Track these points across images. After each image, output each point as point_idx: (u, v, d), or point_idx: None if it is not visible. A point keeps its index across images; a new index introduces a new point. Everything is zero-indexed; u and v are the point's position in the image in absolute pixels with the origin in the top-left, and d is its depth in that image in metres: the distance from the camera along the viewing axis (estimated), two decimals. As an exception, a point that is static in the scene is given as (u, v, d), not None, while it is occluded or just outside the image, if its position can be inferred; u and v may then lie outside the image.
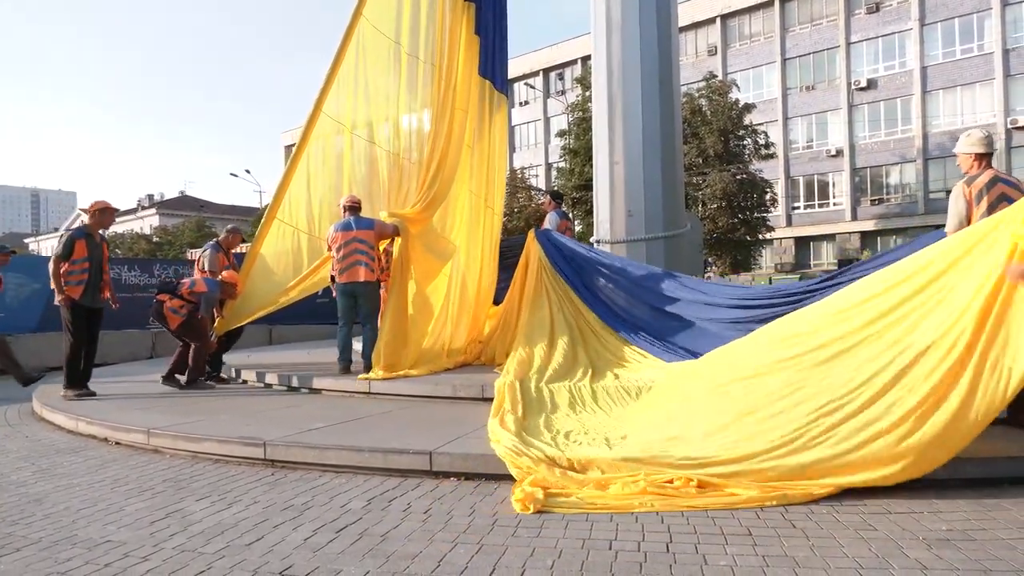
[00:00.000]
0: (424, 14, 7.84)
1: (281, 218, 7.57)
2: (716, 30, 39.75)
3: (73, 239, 6.42)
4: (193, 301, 6.79)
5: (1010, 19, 30.89)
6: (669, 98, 8.74)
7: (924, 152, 33.11)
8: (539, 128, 48.26)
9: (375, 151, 7.75)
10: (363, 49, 7.60)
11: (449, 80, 7.72)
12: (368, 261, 6.64)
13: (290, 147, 68.64)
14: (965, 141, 4.27)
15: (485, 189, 8.33)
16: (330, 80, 7.48)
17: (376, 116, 7.86)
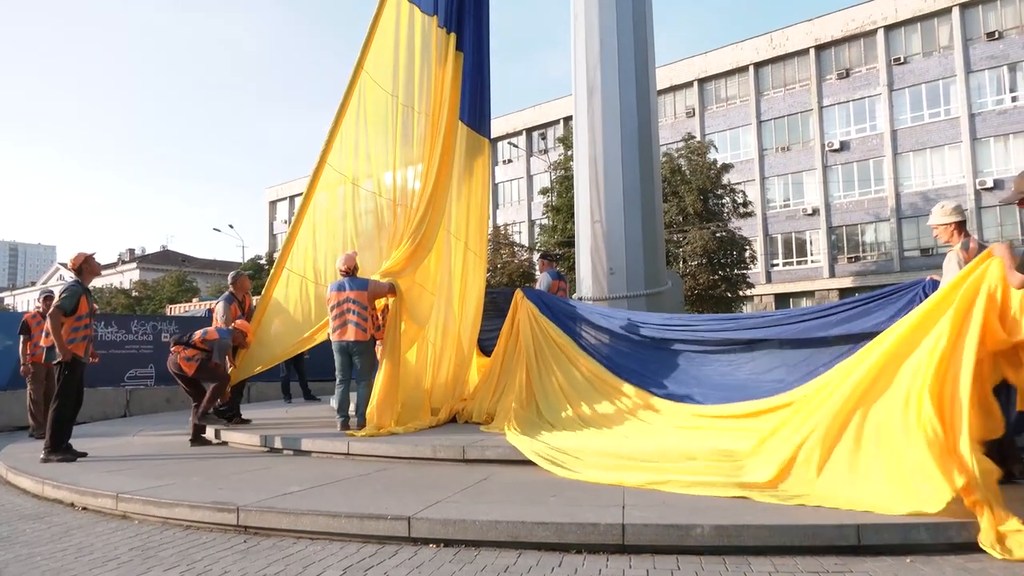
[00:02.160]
0: (418, 65, 8.08)
1: (290, 267, 7.72)
2: (694, 93, 40.97)
3: (79, 294, 6.26)
4: (206, 349, 6.99)
5: (974, 85, 32.17)
6: (648, 158, 8.93)
7: (897, 211, 33.92)
8: (522, 185, 48.96)
9: (375, 202, 7.91)
10: (363, 102, 7.84)
11: (437, 126, 7.92)
12: (359, 320, 6.66)
13: (274, 203, 69.05)
14: (940, 213, 4.66)
15: (467, 233, 8.40)
16: (333, 133, 7.70)
17: (376, 167, 8.03)
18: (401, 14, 8.05)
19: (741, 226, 30.98)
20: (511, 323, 7.46)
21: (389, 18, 7.99)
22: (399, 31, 8.03)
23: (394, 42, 8.00)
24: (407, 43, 8.05)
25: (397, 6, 8.06)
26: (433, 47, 8.11)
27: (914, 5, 33.60)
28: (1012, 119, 31.09)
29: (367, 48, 7.84)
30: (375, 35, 7.89)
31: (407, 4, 8.10)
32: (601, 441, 5.45)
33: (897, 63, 34.17)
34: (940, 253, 33.06)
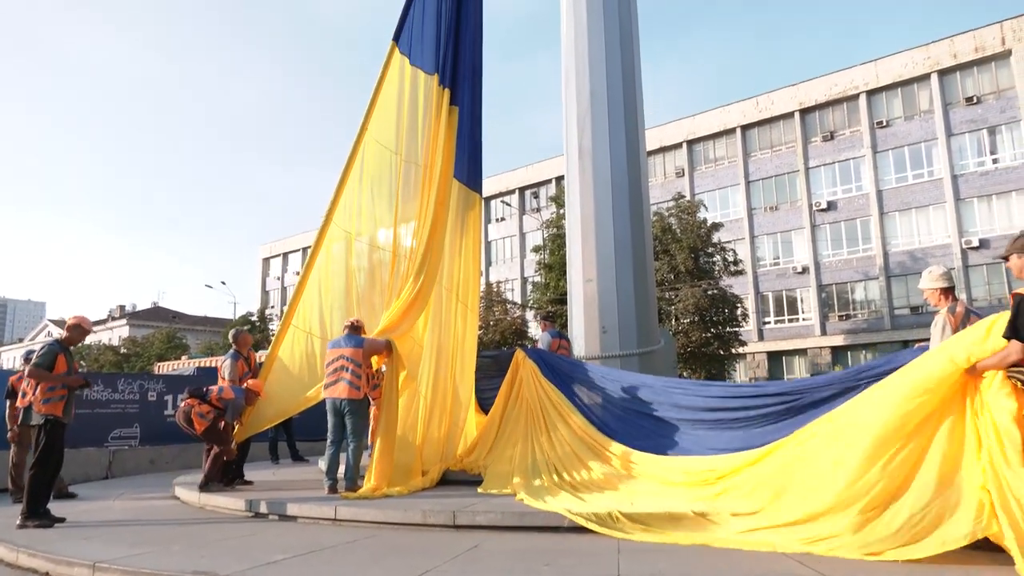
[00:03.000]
0: (420, 122, 8.29)
1: (296, 324, 7.77)
2: (683, 154, 41.83)
3: (55, 352, 6.16)
4: (220, 407, 7.02)
5: (955, 148, 32.98)
6: (640, 218, 9.04)
7: (886, 270, 34.26)
8: (515, 243, 49.36)
9: (379, 257, 8.01)
10: (367, 162, 8.04)
11: (432, 180, 8.07)
12: (352, 379, 6.60)
13: (268, 259, 69.23)
14: (928, 278, 4.86)
15: (459, 287, 8.43)
16: (339, 193, 7.88)
17: (380, 223, 8.18)
18: (405, 75, 8.35)
19: (732, 284, 31.19)
20: (512, 382, 7.45)
21: (392, 79, 8.30)
22: (402, 91, 8.31)
23: (397, 102, 8.27)
24: (410, 102, 8.32)
25: (401, 68, 8.36)
26: (433, 104, 8.35)
27: (894, 71, 34.73)
28: (994, 180, 31.78)
29: (371, 110, 8.10)
30: (379, 97, 8.17)
31: (410, 67, 8.39)
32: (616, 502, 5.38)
33: (880, 126, 35.08)
34: (930, 312, 33.19)
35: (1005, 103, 31.71)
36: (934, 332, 4.83)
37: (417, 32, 8.59)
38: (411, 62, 8.42)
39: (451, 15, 8.81)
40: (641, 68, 9.89)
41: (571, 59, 9.61)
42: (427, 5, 8.73)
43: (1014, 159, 31.35)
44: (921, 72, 33.91)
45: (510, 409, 7.40)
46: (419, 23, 8.63)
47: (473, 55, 9.03)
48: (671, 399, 6.64)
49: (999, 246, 31.06)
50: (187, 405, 7.13)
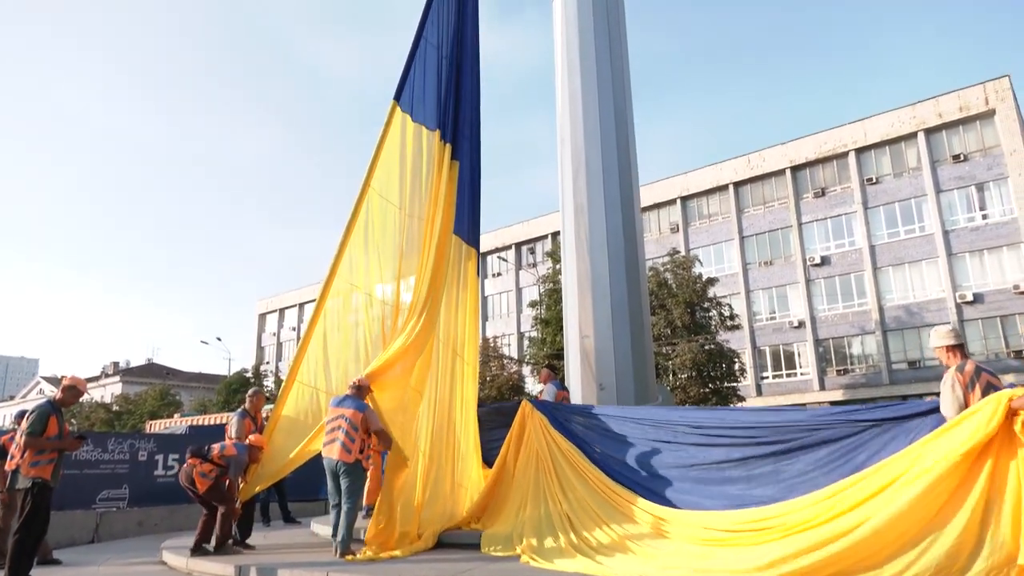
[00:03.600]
0: (423, 177, 8.42)
1: (301, 380, 7.74)
2: (677, 210, 42.37)
3: (47, 414, 6.04)
4: (222, 465, 6.92)
5: (945, 204, 33.48)
6: (635, 274, 9.09)
7: (882, 324, 34.32)
8: (511, 298, 49.47)
9: (382, 310, 8.02)
10: (371, 216, 8.13)
11: (433, 234, 8.15)
12: (345, 440, 6.52)
13: (264, 315, 69.06)
14: (937, 336, 5.00)
15: (457, 342, 8.39)
16: (343, 247, 7.95)
17: (385, 276, 8.20)
18: (407, 132, 8.54)
19: (729, 339, 31.15)
20: (519, 435, 7.25)
21: (395, 136, 8.48)
22: (405, 147, 8.48)
23: (400, 157, 8.43)
24: (413, 158, 8.48)
25: (402, 125, 8.56)
26: (436, 159, 8.52)
27: (881, 130, 35.53)
28: (985, 235, 32.16)
29: (373, 166, 8.24)
30: (381, 153, 8.32)
31: (412, 124, 8.59)
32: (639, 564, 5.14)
33: (870, 183, 35.68)
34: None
35: (992, 160, 32.35)
36: (944, 390, 4.86)
37: (419, 91, 8.83)
38: (413, 119, 8.62)
39: (451, 74, 9.08)
40: (634, 127, 10.10)
41: (566, 119, 9.82)
42: (428, 64, 9.00)
43: (1003, 215, 31.80)
44: (908, 131, 34.69)
45: (519, 465, 7.16)
46: (420, 82, 8.87)
47: (472, 112, 9.26)
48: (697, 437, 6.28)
49: (993, 300, 31.26)
50: (189, 465, 7.03)
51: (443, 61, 9.09)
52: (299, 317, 63.33)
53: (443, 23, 9.30)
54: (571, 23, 10.11)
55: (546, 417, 7.17)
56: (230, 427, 7.99)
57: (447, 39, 9.25)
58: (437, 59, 9.08)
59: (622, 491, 6.34)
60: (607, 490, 6.44)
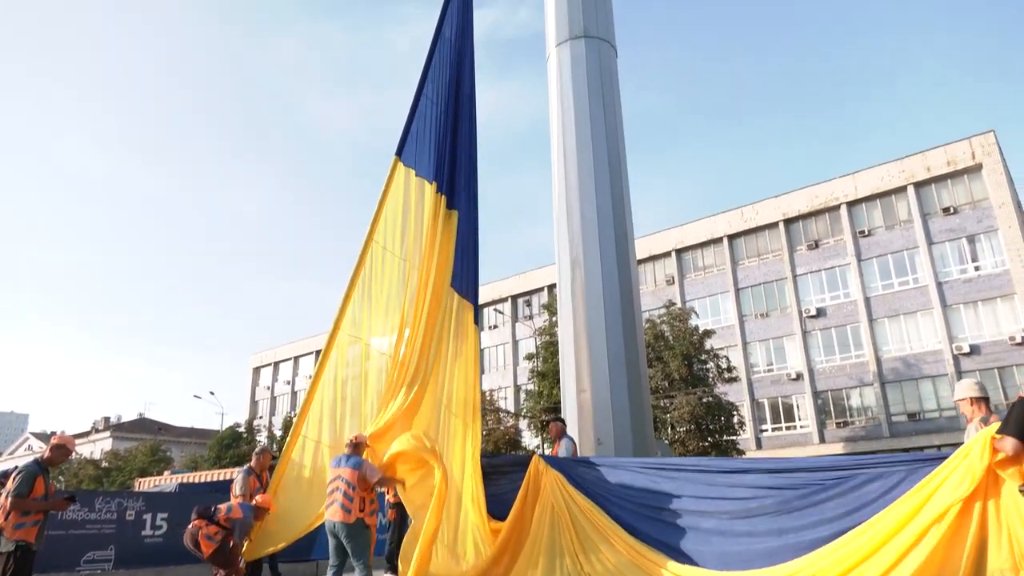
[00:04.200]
0: (426, 225, 8.49)
1: (306, 434, 7.62)
2: (672, 262, 42.64)
3: (34, 475, 5.88)
4: (228, 527, 6.78)
5: (937, 255, 33.77)
6: (632, 328, 9.05)
7: (880, 376, 34.18)
8: (507, 351, 49.28)
9: (385, 362, 7.98)
10: (374, 269, 8.18)
11: (428, 285, 8.16)
12: (344, 500, 6.38)
13: (258, 368, 68.55)
14: (961, 388, 4.93)
15: (457, 396, 8.29)
16: (347, 299, 7.96)
17: (387, 329, 8.18)
18: (410, 185, 8.69)
19: (727, 391, 30.94)
20: (532, 496, 6.95)
21: (397, 189, 8.60)
22: (408, 200, 8.60)
23: (403, 210, 8.54)
24: (416, 210, 8.60)
25: (405, 178, 8.69)
26: (431, 211, 8.62)
27: (871, 183, 36.10)
28: (978, 287, 32.35)
29: (376, 219, 8.35)
30: (384, 206, 8.43)
31: (416, 177, 8.73)
32: None
33: (862, 235, 36.06)
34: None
35: (981, 213, 32.79)
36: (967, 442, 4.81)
37: (423, 144, 9.00)
38: (416, 173, 8.77)
39: (448, 128, 9.27)
40: (629, 181, 10.23)
41: (561, 174, 9.95)
42: (427, 119, 9.20)
43: (995, 266, 32.06)
44: (898, 184, 35.25)
45: (533, 525, 6.77)
46: (421, 136, 9.05)
47: (468, 165, 9.41)
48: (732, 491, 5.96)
49: (990, 352, 31.23)
50: (194, 527, 6.87)
51: (441, 116, 9.29)
52: (294, 371, 62.88)
53: (441, 79, 9.54)
54: (565, 81, 10.34)
55: (562, 474, 6.89)
56: (235, 485, 7.81)
57: (445, 94, 9.47)
58: (436, 114, 9.28)
59: (649, 552, 6.06)
60: (633, 552, 6.13)
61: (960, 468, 4.41)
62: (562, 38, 10.55)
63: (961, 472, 4.38)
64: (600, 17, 10.62)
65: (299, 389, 61.93)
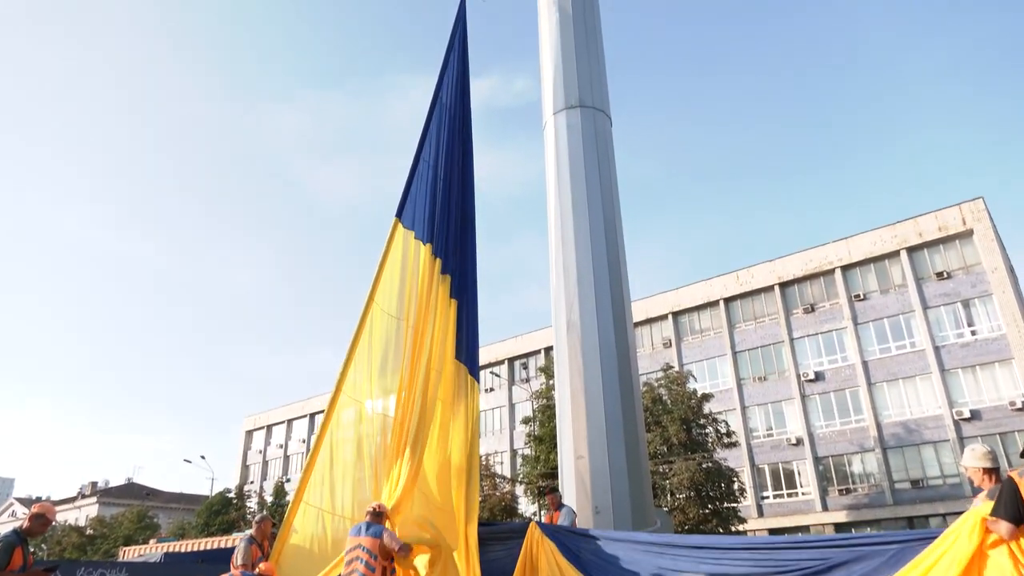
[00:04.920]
0: (421, 287, 8.49)
1: (308, 500, 7.44)
2: (669, 325, 42.64)
3: (13, 545, 5.73)
4: None
5: (933, 320, 33.83)
6: (630, 392, 8.98)
7: (881, 441, 33.74)
8: (504, 414, 48.69)
9: (386, 424, 7.86)
10: (374, 330, 8.14)
11: (423, 346, 8.09)
12: (364, 571, 6.19)
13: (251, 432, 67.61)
14: (971, 455, 4.70)
15: (454, 464, 8.13)
16: (348, 361, 7.89)
17: (388, 390, 8.09)
18: (409, 247, 8.74)
19: (727, 457, 30.45)
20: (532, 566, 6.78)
21: (396, 252, 8.66)
22: (406, 262, 8.65)
23: (401, 272, 8.58)
24: (412, 271, 8.62)
25: (404, 240, 8.76)
26: (426, 272, 8.65)
27: (864, 248, 36.49)
28: (976, 351, 32.30)
29: (377, 282, 8.37)
30: (384, 269, 8.47)
31: (414, 240, 8.80)
32: None
33: (857, 299, 36.21)
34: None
35: (975, 278, 33.04)
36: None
37: (420, 207, 9.11)
38: (416, 236, 8.85)
39: (446, 191, 9.39)
40: (624, 244, 10.32)
41: (557, 238, 10.05)
42: (425, 182, 9.33)
43: (992, 331, 32.09)
44: (891, 249, 35.63)
45: None
46: (421, 198, 9.17)
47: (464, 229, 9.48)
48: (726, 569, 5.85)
49: (991, 417, 30.96)
50: None
51: (439, 180, 9.43)
52: (287, 434, 61.94)
53: (439, 143, 9.73)
54: (562, 147, 10.56)
55: (556, 545, 6.73)
56: (236, 555, 7.62)
57: (443, 157, 9.64)
58: (433, 177, 9.42)
59: None
60: None
61: (951, 550, 4.26)
62: (558, 107, 10.83)
63: (952, 555, 4.23)
64: (595, 87, 10.93)
65: (292, 453, 60.87)
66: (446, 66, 10.17)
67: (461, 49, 10.39)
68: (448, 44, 10.36)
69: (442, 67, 10.17)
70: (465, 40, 10.51)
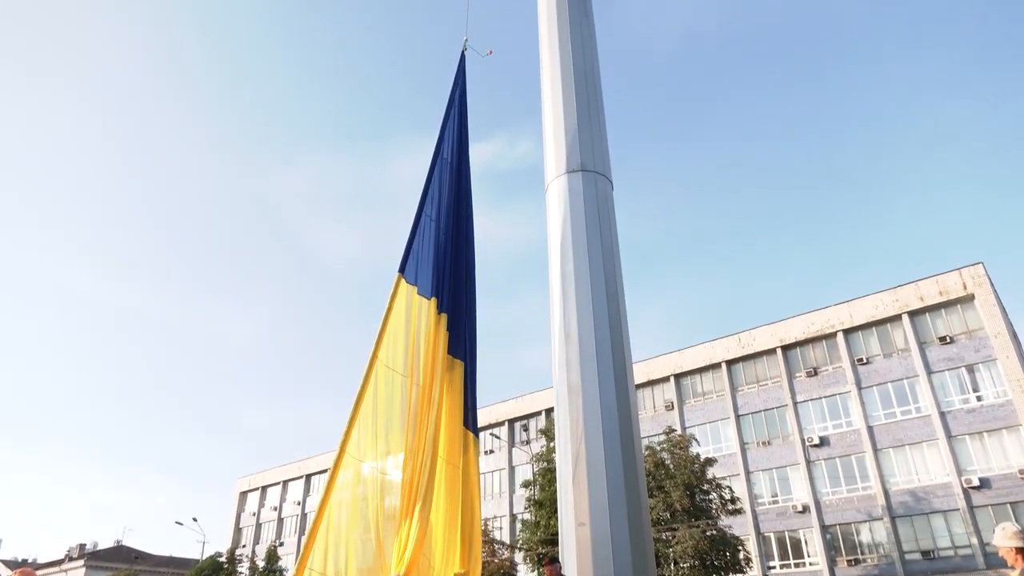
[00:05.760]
0: (426, 342, 8.42)
1: (312, 567, 7.19)
2: (671, 387, 42.26)
3: None
4: None
5: (937, 385, 33.53)
6: (632, 457, 8.79)
7: (889, 510, 32.97)
8: (503, 477, 47.77)
9: (393, 485, 7.69)
10: (378, 388, 8.03)
11: (429, 404, 7.97)
12: None
13: (245, 493, 66.27)
14: (1001, 535, 4.60)
15: (460, 529, 7.92)
16: (352, 420, 7.75)
17: (392, 449, 7.94)
18: (412, 302, 8.71)
19: (731, 524, 29.73)
20: None
21: (400, 307, 8.63)
22: (410, 317, 8.61)
23: (405, 327, 8.52)
24: (416, 326, 8.57)
25: (408, 295, 8.75)
26: (438, 331, 8.62)
27: (866, 311, 36.48)
28: (982, 418, 31.89)
29: (381, 337, 8.29)
30: (388, 325, 8.41)
31: (417, 296, 8.80)
32: None
33: (861, 363, 35.98)
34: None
35: (978, 343, 32.90)
36: None
37: (424, 262, 9.14)
38: (419, 292, 8.85)
39: (447, 245, 9.46)
40: (626, 305, 10.31)
41: (558, 299, 10.04)
42: (427, 237, 9.39)
43: (997, 397, 31.77)
44: (892, 313, 35.62)
45: None
46: (424, 253, 9.21)
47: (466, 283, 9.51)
48: None
49: (1001, 486, 30.32)
50: None
51: (442, 234, 9.50)
52: (282, 496, 60.70)
53: (440, 198, 9.84)
54: (564, 210, 10.66)
55: None
56: None
57: (444, 211, 9.73)
58: (436, 230, 9.49)
59: None
60: None
61: None
62: (560, 171, 10.99)
63: None
64: (596, 152, 11.12)
65: (287, 515, 59.52)
66: (447, 120, 10.35)
67: (461, 102, 10.60)
68: (449, 98, 10.57)
69: (443, 121, 10.34)
70: (464, 93, 10.73)
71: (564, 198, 10.94)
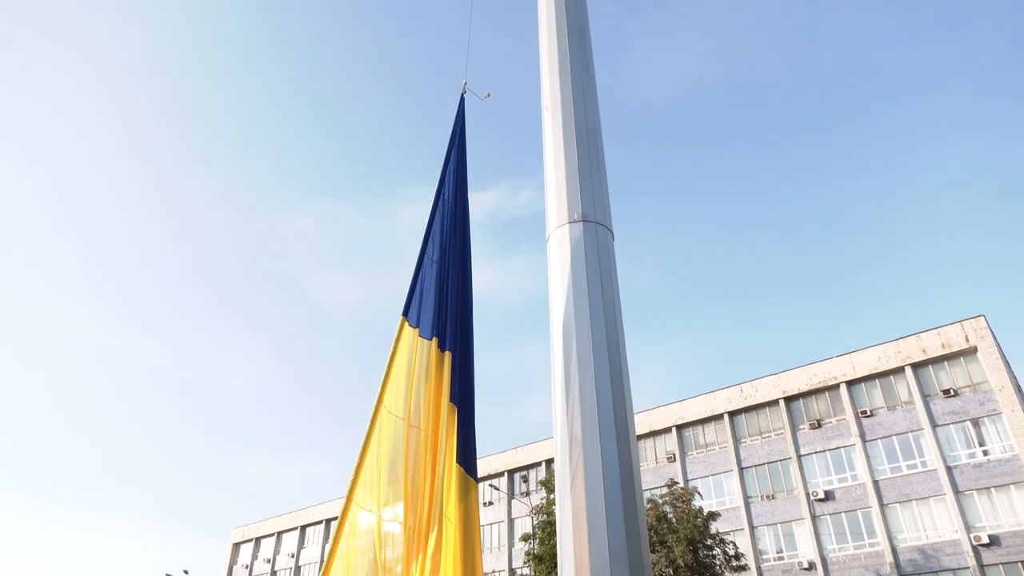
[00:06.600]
0: (430, 384, 8.35)
1: None
2: (673, 439, 41.71)
3: None
4: None
5: (943, 439, 33.07)
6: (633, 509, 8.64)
7: (897, 567, 32.15)
8: (502, 530, 46.78)
9: (397, 532, 7.55)
10: (383, 436, 7.98)
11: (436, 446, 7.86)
12: None
13: (238, 544, 64.84)
14: None
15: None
16: (358, 469, 7.66)
17: (397, 497, 7.83)
18: (414, 345, 8.68)
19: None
20: None
21: (403, 350, 8.60)
22: (411, 360, 8.56)
23: (407, 371, 8.48)
24: (418, 369, 8.53)
25: (411, 339, 8.73)
26: (434, 367, 8.57)
27: (869, 364, 36.25)
28: (989, 472, 31.37)
29: (386, 383, 8.25)
30: (392, 370, 8.38)
31: (419, 338, 8.79)
32: None
33: (864, 415, 35.59)
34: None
35: (983, 396, 32.59)
36: None
37: (426, 304, 9.17)
38: (420, 334, 8.85)
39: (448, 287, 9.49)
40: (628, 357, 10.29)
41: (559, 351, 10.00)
42: (429, 279, 9.44)
43: (1004, 451, 31.32)
44: (895, 365, 35.40)
45: None
46: (429, 295, 9.24)
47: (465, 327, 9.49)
48: None
49: (1011, 543, 29.63)
50: None
51: (441, 275, 9.56)
52: (276, 548, 59.36)
53: (443, 237, 9.92)
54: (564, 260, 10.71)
55: None
56: None
57: (445, 252, 9.81)
58: (438, 273, 9.56)
59: None
60: None
61: None
62: (561, 221, 11.06)
63: None
64: (597, 203, 11.23)
65: (280, 568, 58.10)
66: (447, 161, 10.54)
67: (460, 144, 10.80)
68: (449, 140, 10.77)
69: (444, 164, 10.54)
70: (464, 135, 10.95)
71: (565, 248, 11.03)
